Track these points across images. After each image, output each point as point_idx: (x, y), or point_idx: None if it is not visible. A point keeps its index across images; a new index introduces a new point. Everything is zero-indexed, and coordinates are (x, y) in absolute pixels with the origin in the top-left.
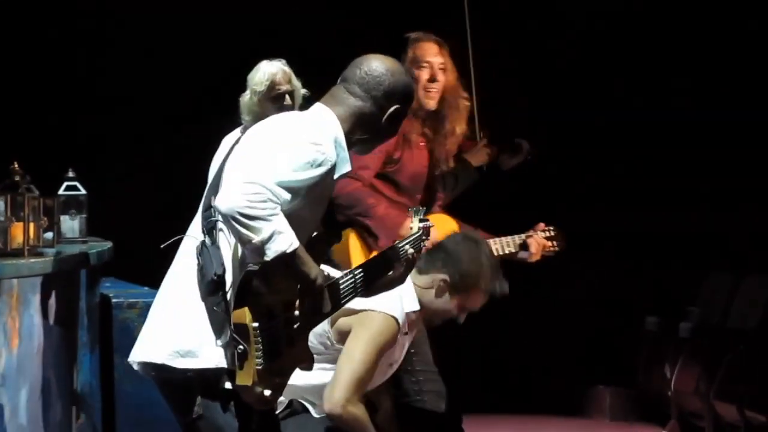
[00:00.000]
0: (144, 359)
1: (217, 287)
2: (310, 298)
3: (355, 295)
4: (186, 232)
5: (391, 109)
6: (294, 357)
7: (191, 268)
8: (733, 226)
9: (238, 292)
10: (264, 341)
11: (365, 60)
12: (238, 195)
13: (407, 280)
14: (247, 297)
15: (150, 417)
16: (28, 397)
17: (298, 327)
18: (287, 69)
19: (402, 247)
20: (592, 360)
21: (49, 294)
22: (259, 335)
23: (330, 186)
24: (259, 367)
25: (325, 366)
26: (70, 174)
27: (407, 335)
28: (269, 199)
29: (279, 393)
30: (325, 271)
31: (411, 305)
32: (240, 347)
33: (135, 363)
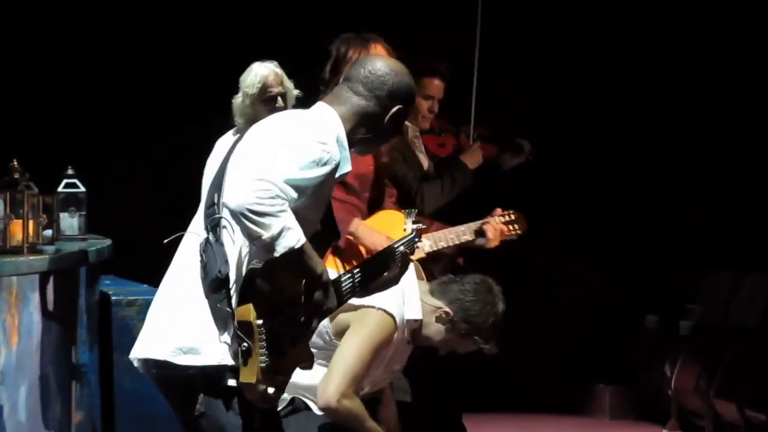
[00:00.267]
0: (146, 356)
1: (221, 284)
2: (316, 294)
3: (353, 294)
4: (187, 230)
5: (394, 108)
6: (296, 355)
7: (193, 265)
8: (733, 225)
9: (242, 289)
10: (268, 339)
11: (369, 60)
12: (248, 191)
13: (415, 289)
14: (251, 294)
15: (149, 414)
16: (27, 394)
17: (302, 324)
18: (279, 71)
19: (397, 248)
20: (592, 358)
21: (48, 291)
22: (263, 333)
23: (332, 185)
24: (263, 364)
25: (323, 363)
26: (70, 171)
27: (410, 344)
28: (278, 196)
29: (282, 391)
30: None
31: (413, 313)
32: (244, 344)
33: (135, 360)
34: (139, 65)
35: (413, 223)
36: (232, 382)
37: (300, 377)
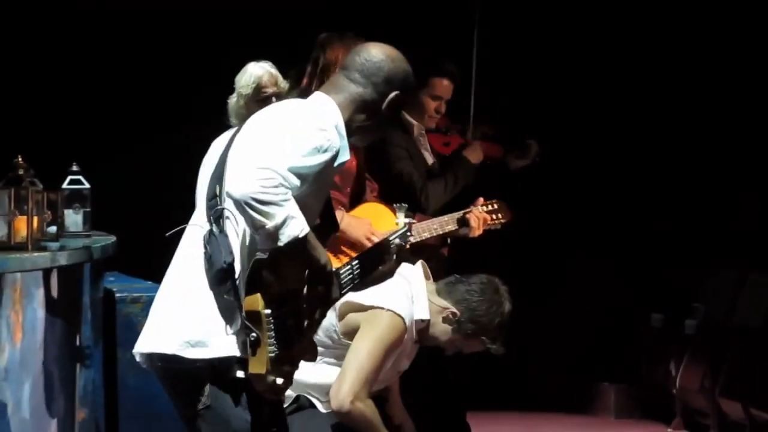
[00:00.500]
0: (153, 350)
1: (226, 275)
2: (320, 284)
3: (352, 287)
4: (189, 223)
5: (391, 95)
6: (301, 347)
7: (196, 257)
8: (738, 224)
9: (248, 280)
10: (276, 329)
11: (364, 47)
12: (251, 180)
13: (423, 289)
14: (259, 285)
15: (153, 411)
16: (31, 391)
17: (307, 315)
18: (274, 71)
19: (392, 241)
20: (597, 357)
21: (52, 288)
22: (271, 322)
23: (332, 174)
24: (272, 354)
25: (330, 361)
26: (74, 168)
27: (417, 344)
28: (281, 184)
29: (290, 382)
30: None
31: (421, 313)
32: (252, 335)
33: (139, 354)
34: (144, 59)
35: (405, 216)
36: (240, 374)
37: (306, 375)
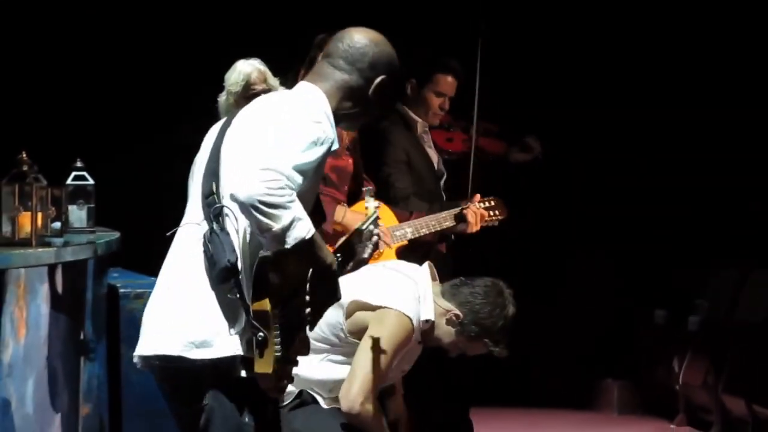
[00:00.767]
0: (156, 352)
1: (230, 274)
2: (325, 283)
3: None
4: (182, 220)
5: (377, 79)
6: (299, 344)
7: (193, 256)
8: (740, 220)
9: (255, 279)
10: (281, 328)
11: (347, 33)
12: (256, 182)
13: (429, 290)
14: (266, 285)
15: (157, 407)
16: (35, 387)
17: (310, 313)
18: (263, 68)
19: (365, 229)
20: (600, 354)
21: (56, 284)
22: (278, 322)
23: (324, 165)
24: (278, 354)
25: (335, 358)
26: (78, 164)
27: (420, 344)
28: (286, 186)
29: (291, 380)
30: None
31: (427, 314)
32: (260, 335)
33: (138, 357)
34: (149, 55)
35: (374, 200)
36: (244, 373)
37: (310, 372)
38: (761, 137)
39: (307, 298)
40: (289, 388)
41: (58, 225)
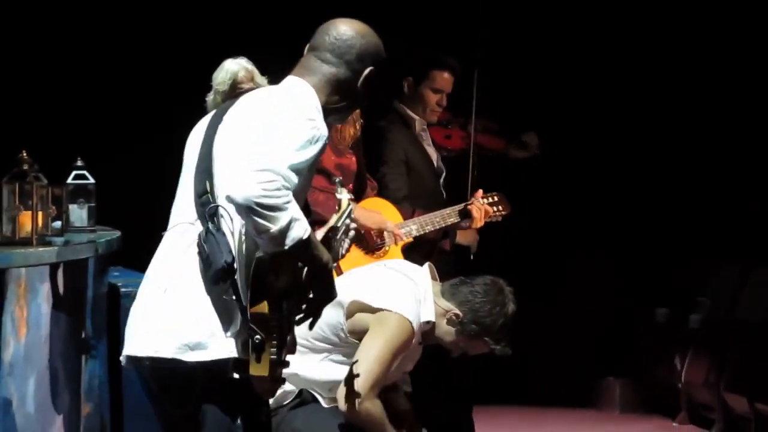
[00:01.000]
0: (149, 354)
1: (226, 275)
2: (321, 282)
3: None
4: (171, 218)
5: (365, 71)
6: (290, 345)
7: (187, 256)
8: (742, 218)
9: (252, 281)
10: (277, 330)
11: (332, 25)
12: (253, 184)
13: (430, 291)
14: (264, 286)
15: None
16: (36, 386)
17: (307, 313)
18: (250, 66)
19: (343, 222)
20: (602, 352)
21: (57, 283)
22: (275, 325)
23: (317, 162)
24: (273, 356)
25: (336, 358)
26: (79, 163)
27: (421, 344)
28: (283, 186)
29: (283, 381)
30: None
31: (427, 315)
32: (257, 337)
33: (126, 357)
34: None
35: (346, 192)
36: (239, 375)
37: (310, 372)
38: (762, 137)
39: (303, 298)
40: (290, 387)
41: (58, 224)
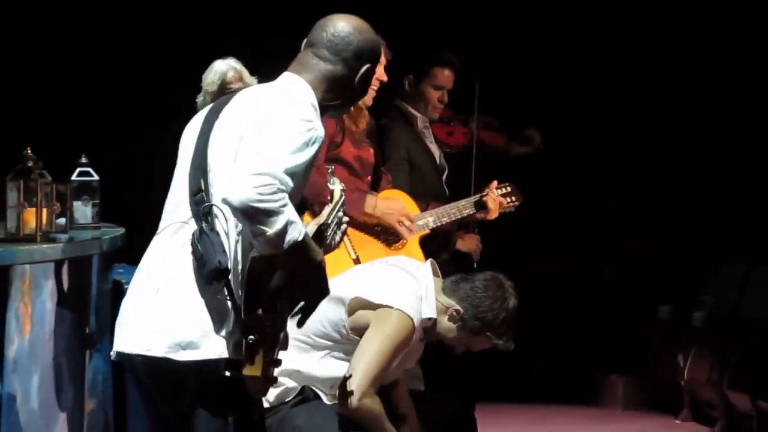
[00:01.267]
0: (139, 352)
1: (220, 275)
2: (314, 282)
3: None
4: (163, 216)
5: (362, 68)
6: (282, 343)
7: (181, 255)
8: (745, 216)
9: (247, 281)
10: (271, 330)
11: (329, 22)
12: (249, 188)
13: (431, 287)
14: (258, 286)
15: None
16: (40, 382)
17: (300, 312)
18: (238, 66)
19: (336, 214)
20: (605, 349)
21: (61, 280)
22: (269, 325)
23: (314, 163)
24: (266, 358)
25: (337, 355)
26: (83, 160)
27: (423, 341)
28: (279, 190)
29: (275, 381)
30: None
31: (429, 312)
32: (251, 337)
33: (116, 353)
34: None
35: (339, 183)
36: (230, 375)
37: (312, 369)
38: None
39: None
40: (292, 384)
41: (62, 221)
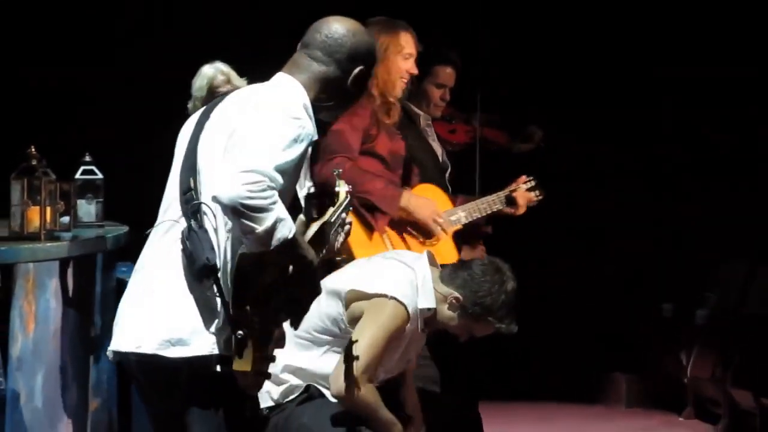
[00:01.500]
0: (131, 350)
1: (209, 272)
2: (305, 279)
3: None
4: (159, 216)
5: (355, 71)
6: (276, 340)
7: (171, 253)
8: (749, 213)
9: (235, 278)
10: (260, 326)
11: (324, 23)
12: (238, 185)
13: (429, 277)
14: (246, 282)
15: None
16: (44, 381)
17: (293, 311)
18: (225, 69)
19: (340, 215)
20: (608, 347)
21: (65, 278)
22: (258, 321)
23: (304, 160)
24: (257, 353)
25: (338, 350)
26: (87, 158)
27: (424, 332)
28: (269, 187)
29: (269, 377)
30: None
31: (427, 302)
32: (239, 333)
33: (112, 353)
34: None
35: (344, 184)
36: (221, 370)
37: (315, 365)
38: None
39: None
40: (296, 381)
41: (66, 219)
